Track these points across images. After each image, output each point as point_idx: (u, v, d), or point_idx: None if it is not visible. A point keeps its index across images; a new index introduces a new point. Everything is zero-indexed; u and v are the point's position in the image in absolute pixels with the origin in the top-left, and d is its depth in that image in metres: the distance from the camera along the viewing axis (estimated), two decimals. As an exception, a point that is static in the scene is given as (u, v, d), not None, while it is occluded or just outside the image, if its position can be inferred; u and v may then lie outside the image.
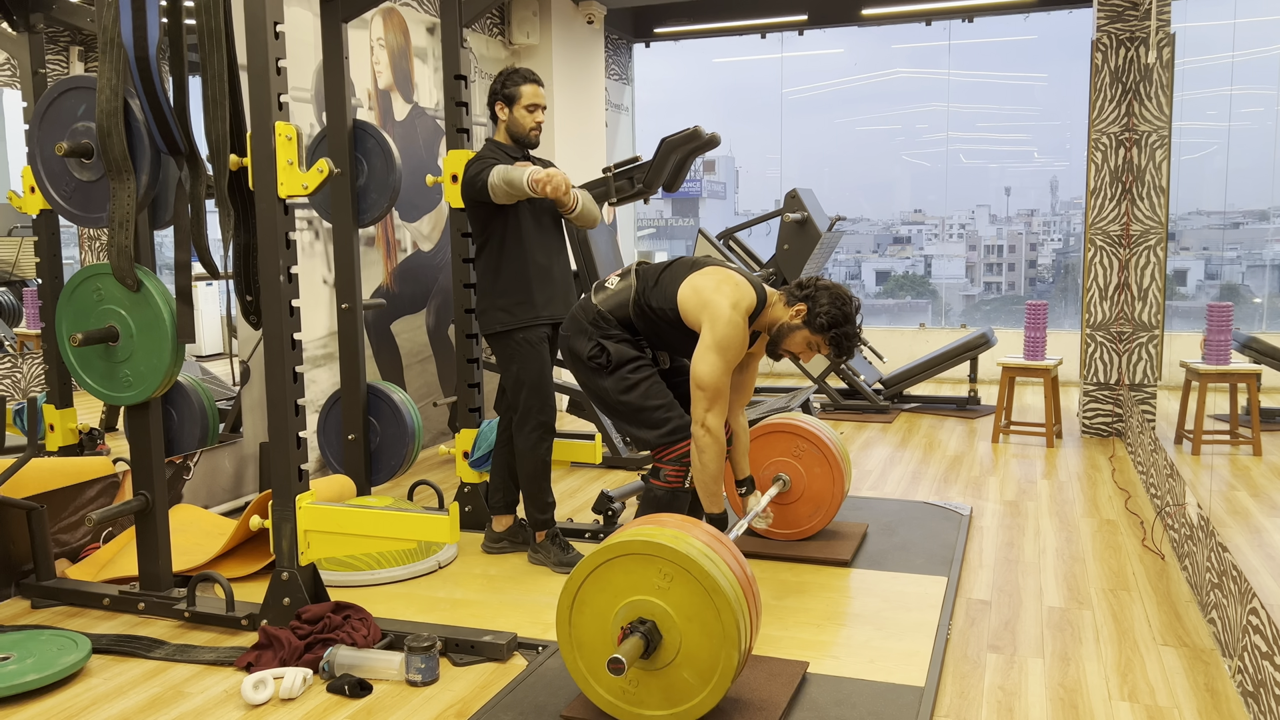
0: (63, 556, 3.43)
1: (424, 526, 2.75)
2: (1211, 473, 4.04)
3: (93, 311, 2.99)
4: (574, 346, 3.06)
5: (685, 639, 2.21)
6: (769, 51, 8.29)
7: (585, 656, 2.31)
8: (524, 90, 3.47)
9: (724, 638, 2.18)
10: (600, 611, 2.27)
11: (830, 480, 3.61)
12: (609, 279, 3.12)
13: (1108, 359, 5.63)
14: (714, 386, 2.80)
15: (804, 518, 3.66)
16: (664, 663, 2.24)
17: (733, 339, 2.82)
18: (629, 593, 2.24)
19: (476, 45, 6.11)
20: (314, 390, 4.55)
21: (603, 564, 2.26)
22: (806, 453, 3.63)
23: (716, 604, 2.17)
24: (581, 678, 2.32)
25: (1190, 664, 2.71)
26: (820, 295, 2.89)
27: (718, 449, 2.84)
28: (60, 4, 3.64)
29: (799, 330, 2.92)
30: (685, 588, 2.20)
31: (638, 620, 2.22)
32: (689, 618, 2.20)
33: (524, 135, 3.51)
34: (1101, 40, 5.49)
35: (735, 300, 2.84)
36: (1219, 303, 4.62)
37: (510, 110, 3.49)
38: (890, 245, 9.47)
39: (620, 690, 2.29)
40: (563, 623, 2.31)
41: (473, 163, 3.40)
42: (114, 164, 2.84)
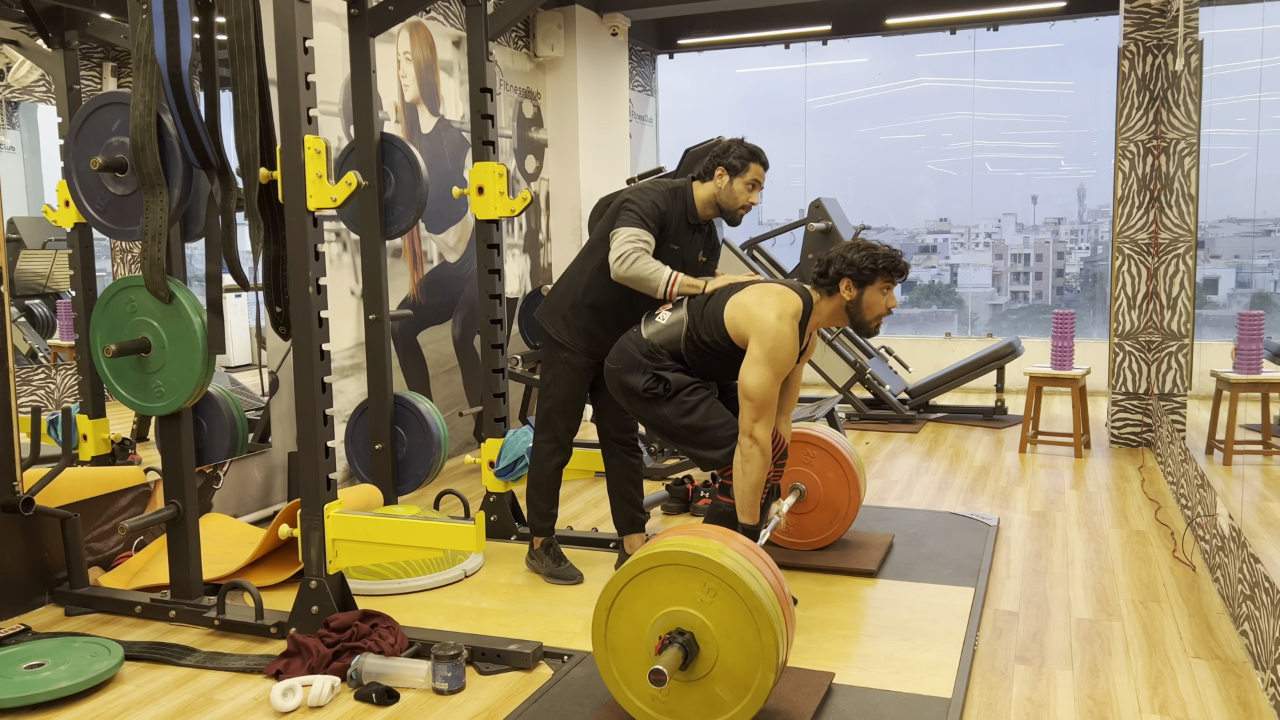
0: (96, 564, 3.48)
1: (450, 535, 2.77)
2: (1243, 483, 3.98)
3: (126, 323, 3.04)
4: (627, 381, 3.03)
5: (722, 654, 2.21)
6: (793, 62, 8.30)
7: (619, 661, 2.31)
8: (753, 167, 3.27)
9: (762, 657, 2.18)
10: (638, 618, 2.27)
11: (845, 487, 3.60)
12: (659, 312, 3.09)
13: (1136, 368, 5.58)
14: (762, 397, 2.80)
15: (821, 526, 3.65)
16: (698, 675, 2.24)
17: (780, 348, 2.81)
18: (670, 603, 2.24)
19: (502, 58, 6.16)
20: (342, 400, 4.59)
21: (646, 571, 2.26)
22: (818, 459, 3.61)
23: (758, 624, 2.17)
24: (613, 681, 2.32)
25: (1222, 677, 2.67)
26: (845, 259, 2.87)
27: (764, 460, 2.84)
28: (95, 21, 3.71)
29: (862, 294, 2.90)
30: (728, 604, 2.20)
31: (676, 631, 2.22)
32: (728, 634, 2.20)
33: (732, 210, 3.31)
34: (1128, 47, 5.46)
35: (781, 311, 2.84)
36: (1250, 311, 4.57)
37: (731, 181, 3.28)
38: (916, 254, 9.43)
39: (651, 698, 2.29)
40: (599, 625, 2.32)
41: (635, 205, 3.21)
42: (147, 178, 2.88)
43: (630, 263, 3.13)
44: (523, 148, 6.37)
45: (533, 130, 6.52)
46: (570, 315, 3.38)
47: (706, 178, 3.33)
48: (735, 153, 3.30)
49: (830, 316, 2.96)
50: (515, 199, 3.81)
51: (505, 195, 3.79)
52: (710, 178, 3.32)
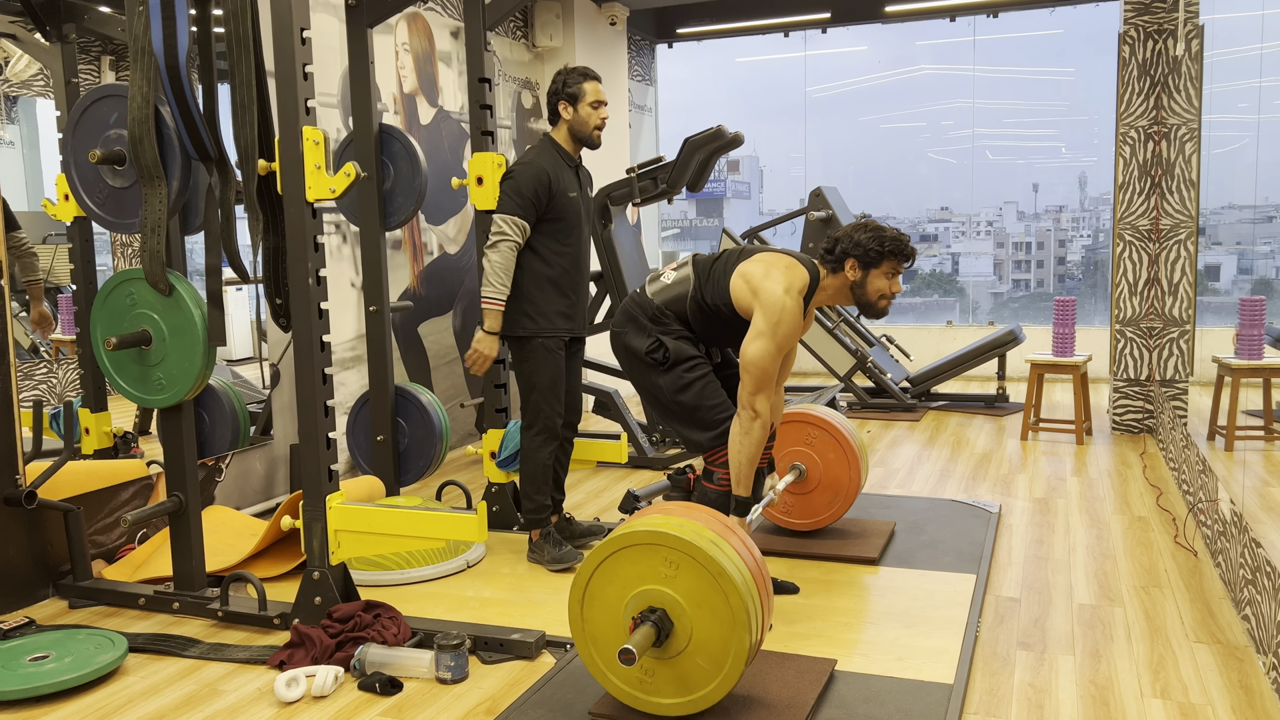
0: (99, 557, 3.49)
1: (452, 526, 2.77)
2: (1245, 468, 3.99)
3: (126, 316, 3.04)
4: (630, 343, 3.02)
5: (696, 626, 2.21)
6: (792, 50, 8.27)
7: (600, 650, 2.32)
8: (587, 88, 3.47)
9: (734, 622, 2.18)
10: (610, 604, 2.28)
11: (846, 467, 3.59)
12: (664, 271, 3.08)
13: (1138, 355, 5.58)
14: (762, 370, 2.78)
15: (822, 506, 3.65)
16: (677, 651, 2.24)
17: (784, 321, 2.80)
18: (637, 583, 2.25)
19: (500, 49, 6.14)
20: (343, 392, 4.59)
21: (609, 556, 2.27)
22: (819, 440, 3.61)
23: (724, 589, 2.17)
24: (598, 670, 2.33)
25: (1224, 661, 2.68)
26: (853, 239, 2.86)
27: (763, 433, 2.83)
28: (92, 14, 3.70)
29: (867, 275, 2.88)
30: (692, 574, 2.20)
31: (648, 610, 2.23)
32: (698, 604, 2.20)
33: (588, 135, 3.50)
34: (1129, 33, 5.44)
35: (788, 284, 2.82)
36: (1252, 297, 4.56)
37: (575, 108, 3.47)
38: (917, 243, 9.39)
39: (636, 681, 2.30)
40: (575, 618, 2.33)
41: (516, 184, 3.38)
42: (146, 170, 2.88)
43: (497, 251, 3.36)
44: (522, 138, 6.36)
45: (532, 121, 6.51)
46: (524, 304, 3.47)
47: (555, 120, 3.53)
48: (569, 82, 3.49)
49: (835, 295, 2.94)
50: (514, 189, 3.79)
51: (500, 179, 3.78)
52: (558, 117, 3.52)
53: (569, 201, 3.47)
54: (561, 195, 3.45)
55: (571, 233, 3.51)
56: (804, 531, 3.71)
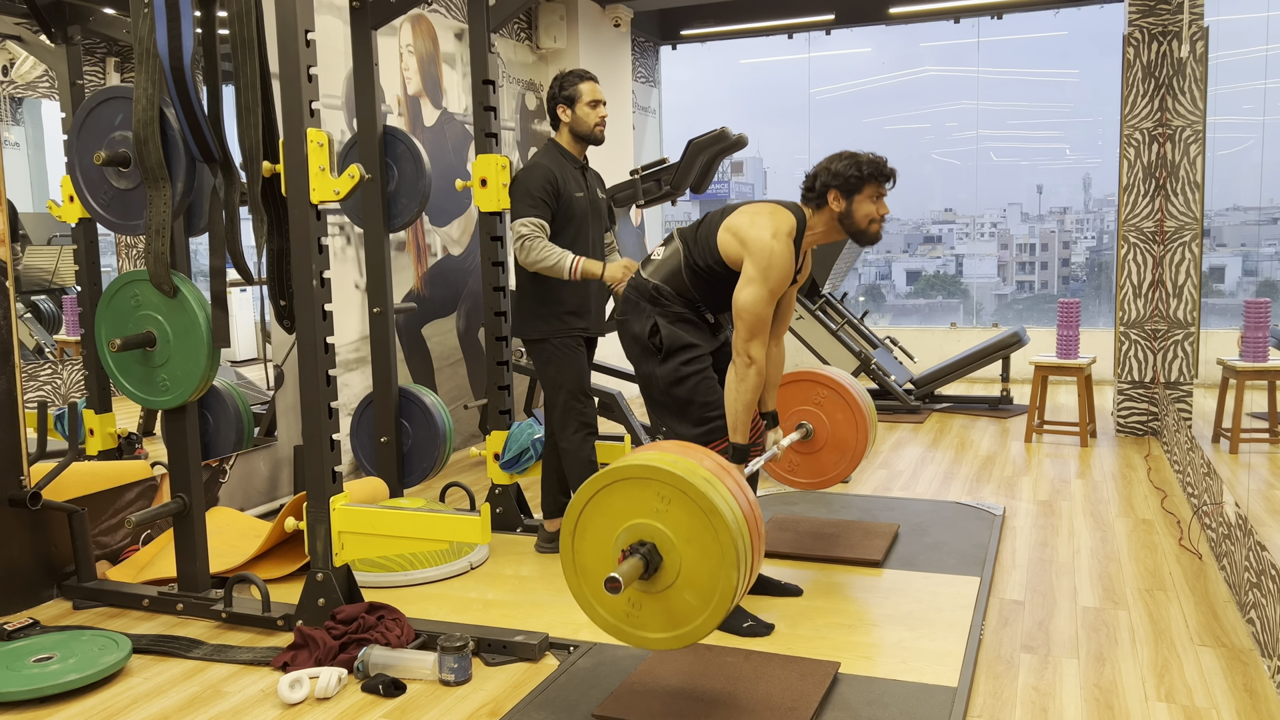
0: (103, 558, 3.49)
1: (456, 527, 2.77)
2: (1250, 471, 3.98)
3: (130, 317, 3.05)
4: (632, 328, 3.02)
5: (685, 561, 2.20)
6: (796, 52, 8.27)
7: (589, 582, 2.31)
8: (583, 88, 3.50)
9: (722, 558, 2.17)
10: (601, 536, 2.27)
11: (854, 426, 3.56)
12: (654, 251, 3.09)
13: (1142, 357, 5.57)
14: (754, 313, 2.77)
15: (829, 465, 3.63)
16: (664, 585, 2.23)
17: (774, 265, 2.78)
18: (628, 516, 2.24)
19: (504, 50, 6.15)
20: (347, 394, 4.60)
21: (602, 489, 2.27)
22: (828, 400, 3.59)
23: (714, 525, 2.16)
24: (585, 603, 2.32)
25: (1229, 664, 2.67)
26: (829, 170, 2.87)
27: (759, 379, 2.81)
28: (97, 16, 3.71)
29: (851, 203, 2.88)
30: (683, 509, 2.20)
31: (638, 543, 2.23)
32: (688, 539, 2.20)
33: (589, 133, 3.53)
34: (1134, 35, 5.43)
35: (774, 229, 2.81)
36: (1257, 299, 4.56)
37: (573, 110, 3.51)
38: (921, 244, 9.41)
39: (623, 614, 2.29)
40: (566, 549, 2.32)
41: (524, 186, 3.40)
42: (150, 172, 2.89)
43: (530, 253, 3.36)
44: (526, 140, 6.36)
45: (535, 122, 6.51)
46: (539, 307, 3.49)
47: (556, 124, 3.56)
48: (565, 85, 3.52)
49: (825, 231, 2.93)
50: (518, 191, 3.80)
51: (508, 187, 3.78)
52: (558, 121, 3.55)
53: (575, 201, 3.50)
54: (568, 196, 3.47)
55: (580, 232, 3.52)
56: (804, 552, 3.70)
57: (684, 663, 2.65)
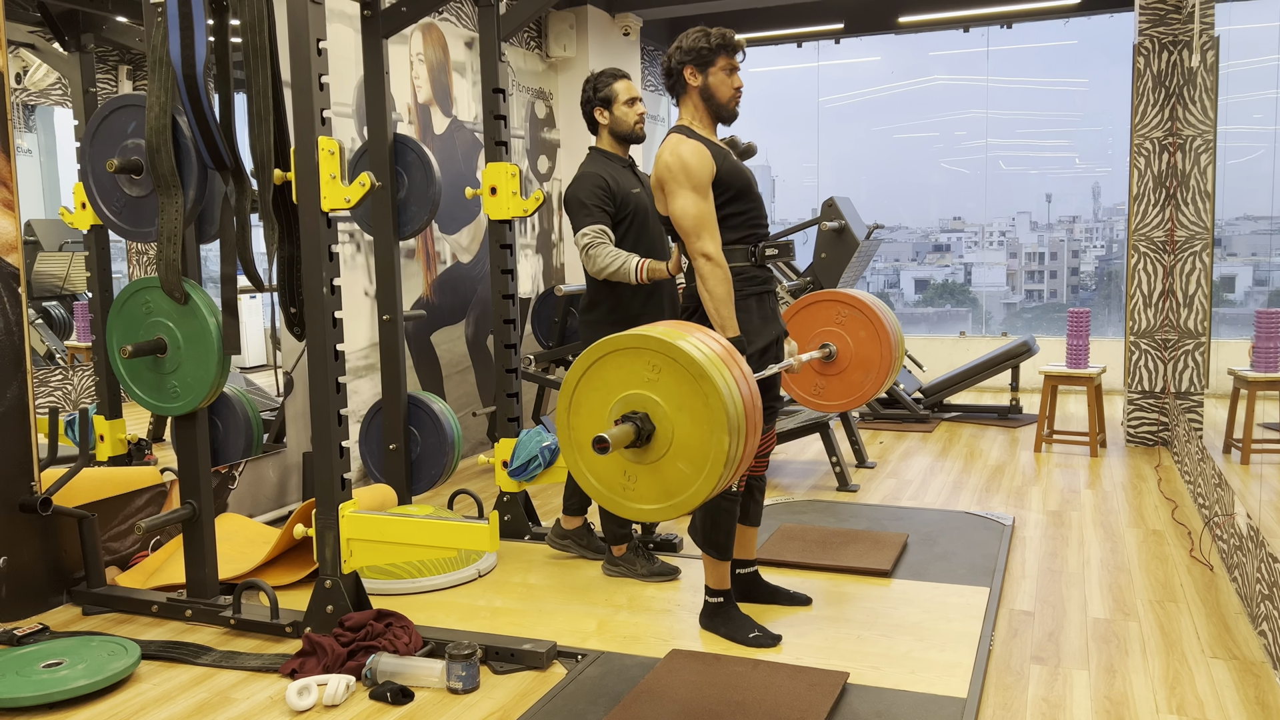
0: (113, 564, 3.50)
1: (464, 535, 2.77)
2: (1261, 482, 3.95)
3: (141, 324, 3.06)
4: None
5: (677, 428, 2.20)
6: (805, 60, 8.28)
7: (585, 457, 2.31)
8: (618, 88, 3.44)
9: (712, 423, 2.16)
10: (596, 410, 2.27)
11: (877, 342, 3.48)
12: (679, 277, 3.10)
13: (1152, 367, 5.55)
14: (693, 219, 2.77)
15: (856, 384, 3.53)
16: (658, 455, 2.23)
17: (686, 166, 2.78)
18: (621, 388, 2.24)
19: (514, 59, 6.16)
20: (356, 400, 4.60)
21: (595, 362, 2.27)
22: (849, 318, 3.50)
23: (704, 389, 2.16)
24: (582, 477, 2.32)
25: (1240, 677, 2.65)
26: (680, 48, 2.89)
27: (720, 273, 2.78)
28: (110, 24, 3.74)
29: (706, 78, 2.89)
30: (673, 377, 2.19)
31: (631, 412, 2.23)
32: (679, 406, 2.19)
33: (629, 132, 3.48)
34: (1144, 44, 5.43)
35: (669, 148, 2.83)
36: (1268, 309, 4.53)
37: (610, 111, 3.45)
38: (929, 253, 9.40)
39: (619, 486, 2.28)
40: (562, 427, 2.32)
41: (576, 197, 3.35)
42: (162, 180, 2.90)
43: (596, 260, 3.29)
44: (535, 148, 6.38)
45: (545, 130, 6.53)
46: (611, 314, 3.42)
47: (595, 129, 3.50)
48: (599, 87, 3.45)
49: (696, 114, 2.93)
50: (528, 199, 3.81)
51: (518, 195, 3.80)
52: (597, 125, 3.49)
53: (634, 198, 3.44)
54: (624, 194, 3.41)
55: (644, 230, 3.46)
56: (812, 562, 3.68)
57: (692, 672, 2.64)
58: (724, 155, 2.90)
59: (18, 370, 3.20)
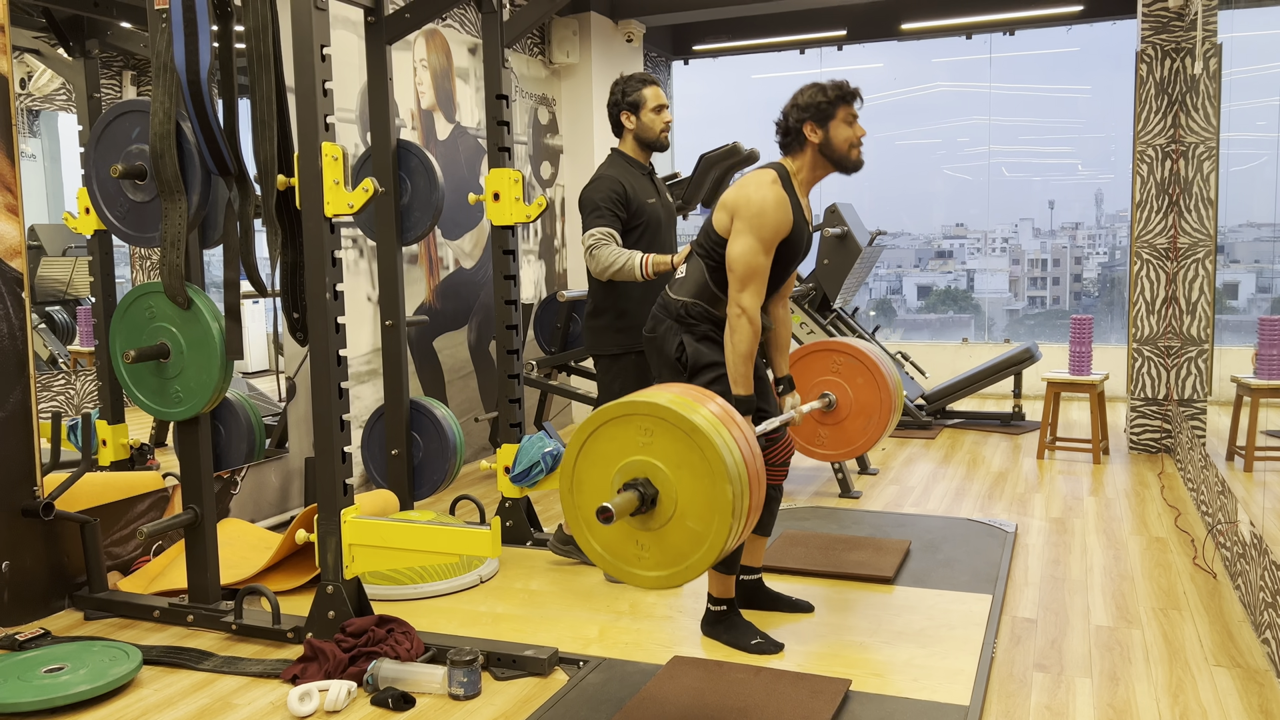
0: (114, 569, 3.50)
1: (466, 541, 2.77)
2: (1265, 490, 3.95)
3: (145, 329, 3.06)
4: (660, 345, 3.00)
5: (680, 488, 2.19)
6: (808, 67, 8.28)
7: (594, 531, 2.30)
8: (646, 93, 3.43)
9: (713, 475, 2.14)
10: (597, 484, 2.27)
11: (875, 389, 3.48)
12: (680, 269, 3.09)
13: (1155, 374, 5.54)
14: (745, 265, 2.74)
15: (856, 433, 3.52)
16: (666, 518, 2.21)
17: (765, 213, 2.75)
18: (618, 458, 2.23)
19: (517, 65, 6.17)
20: (358, 406, 4.61)
21: (588, 438, 2.26)
22: (845, 365, 3.49)
23: (699, 444, 2.14)
24: (593, 551, 2.30)
25: (1244, 685, 2.65)
26: (797, 105, 2.87)
27: (751, 330, 2.77)
28: (114, 30, 3.75)
29: (826, 130, 2.86)
30: (667, 437, 2.19)
31: (631, 480, 2.22)
32: (678, 465, 2.18)
33: (655, 139, 3.47)
34: (1146, 51, 5.43)
35: (756, 183, 2.80)
36: (1271, 316, 4.53)
37: (638, 116, 3.43)
38: (932, 259, 9.40)
39: (634, 557, 2.26)
40: (568, 508, 2.31)
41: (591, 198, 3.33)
42: (166, 185, 2.91)
43: (600, 260, 3.27)
44: (538, 154, 6.38)
45: (548, 136, 6.53)
46: (618, 321, 3.43)
47: (619, 130, 3.49)
48: (628, 91, 3.43)
49: (812, 169, 2.90)
50: (531, 205, 3.82)
51: (521, 201, 3.80)
52: (622, 128, 3.48)
53: (649, 208, 3.42)
54: (639, 203, 3.40)
55: (655, 240, 3.46)
56: (815, 569, 3.67)
57: (694, 679, 2.64)
58: (803, 224, 2.90)
59: (21, 375, 3.20)
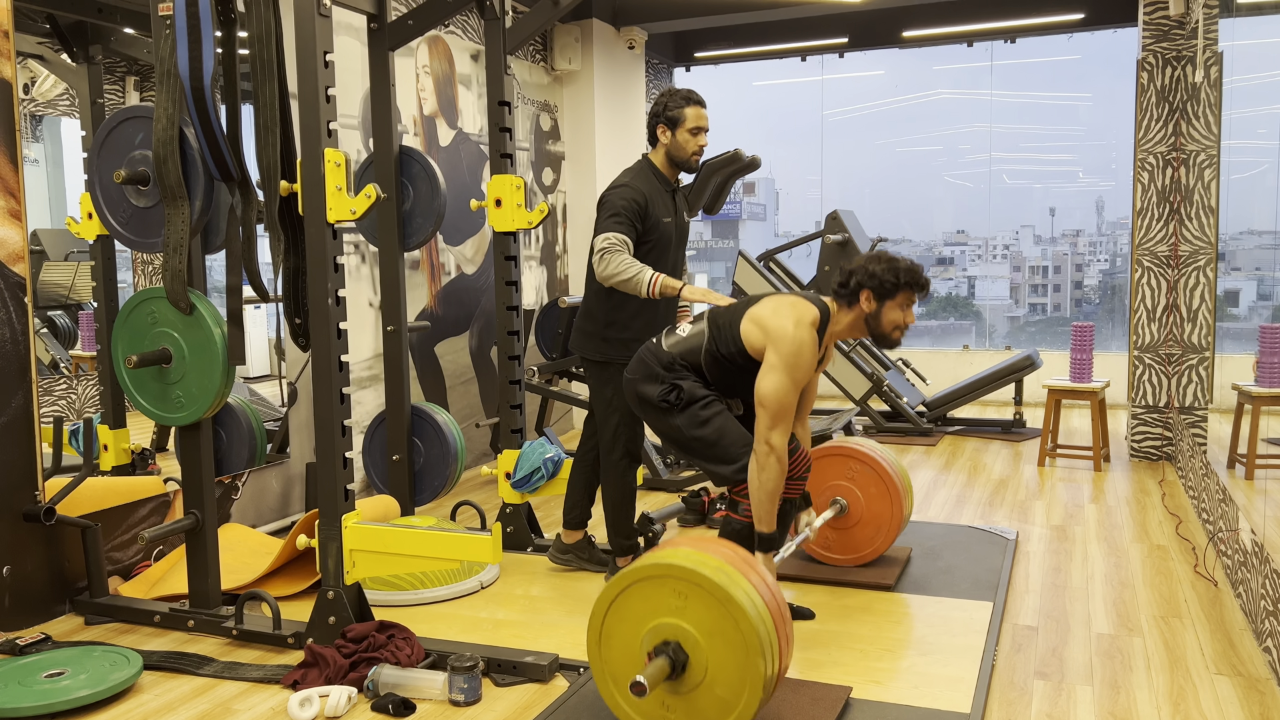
0: (115, 574, 3.50)
1: (467, 546, 2.77)
2: (1266, 498, 3.94)
3: (147, 334, 3.07)
4: (642, 391, 3.02)
5: (711, 657, 2.19)
6: (809, 74, 8.31)
7: (621, 690, 2.30)
8: (688, 113, 3.36)
9: (747, 648, 2.15)
10: (626, 642, 2.27)
11: (889, 500, 3.54)
12: (680, 325, 3.08)
13: (1156, 381, 5.54)
14: (777, 404, 2.77)
15: (864, 541, 3.59)
16: (694, 684, 2.22)
17: (799, 356, 2.79)
18: (650, 618, 2.23)
19: (520, 71, 6.19)
20: (359, 411, 4.61)
21: (620, 593, 2.26)
22: (861, 474, 3.56)
23: (733, 614, 2.15)
24: (621, 710, 2.31)
25: (1245, 693, 2.64)
26: (867, 270, 2.86)
27: (779, 468, 2.81)
28: (119, 36, 3.76)
29: (882, 308, 2.87)
30: (701, 603, 2.19)
31: (662, 643, 2.22)
32: (710, 633, 2.18)
33: (685, 159, 3.41)
34: (1147, 59, 5.44)
35: (797, 319, 2.82)
36: (1272, 324, 4.53)
37: (673, 134, 3.37)
38: (933, 266, 9.41)
39: (660, 718, 2.28)
40: (594, 658, 2.32)
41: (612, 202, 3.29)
42: (169, 190, 2.91)
43: (609, 265, 3.21)
44: (540, 160, 6.40)
45: (550, 143, 6.55)
46: (608, 329, 3.42)
47: (654, 142, 3.44)
48: (670, 105, 3.37)
49: (849, 328, 2.93)
50: (532, 211, 3.82)
51: (523, 208, 3.81)
52: (657, 141, 3.43)
53: (662, 227, 3.39)
54: (655, 220, 3.35)
55: (663, 258, 3.42)
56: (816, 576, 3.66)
57: (695, 685, 2.63)
58: (819, 362, 2.95)
59: (23, 379, 3.21)
